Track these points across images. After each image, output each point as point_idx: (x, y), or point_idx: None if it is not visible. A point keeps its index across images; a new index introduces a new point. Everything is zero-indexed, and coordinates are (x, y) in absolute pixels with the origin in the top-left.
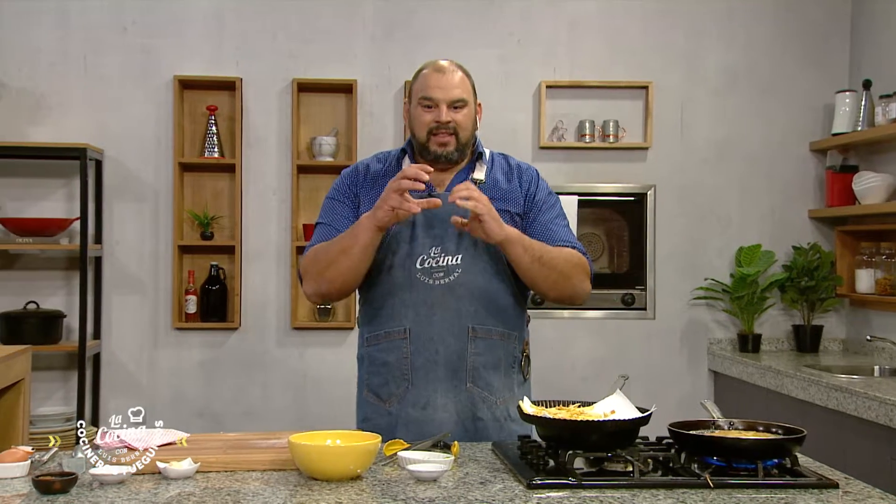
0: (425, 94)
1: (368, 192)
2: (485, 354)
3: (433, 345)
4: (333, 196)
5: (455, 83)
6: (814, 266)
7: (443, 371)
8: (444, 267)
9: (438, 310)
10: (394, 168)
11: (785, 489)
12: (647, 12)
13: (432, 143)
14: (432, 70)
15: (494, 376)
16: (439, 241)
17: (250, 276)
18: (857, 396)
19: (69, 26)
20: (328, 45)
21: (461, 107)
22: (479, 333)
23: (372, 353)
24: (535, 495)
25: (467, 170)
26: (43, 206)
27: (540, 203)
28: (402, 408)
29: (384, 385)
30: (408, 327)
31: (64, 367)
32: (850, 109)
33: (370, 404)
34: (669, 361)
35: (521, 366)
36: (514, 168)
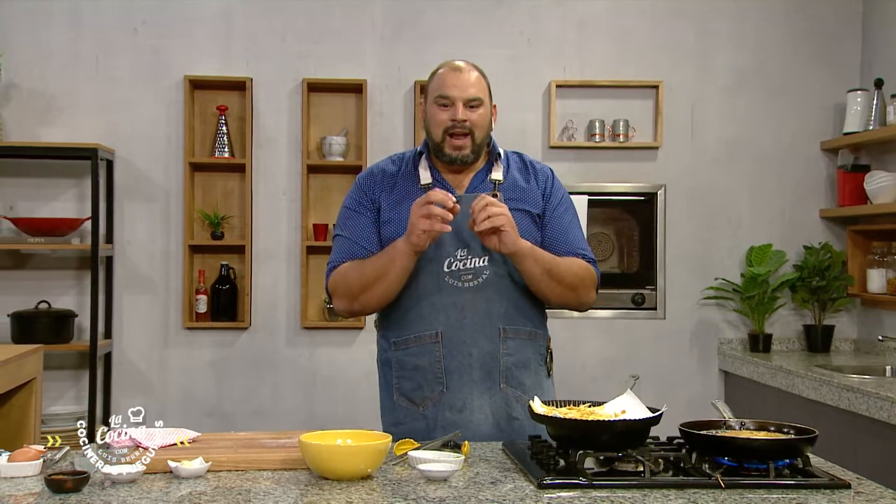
0: (441, 92)
1: (389, 194)
2: (515, 354)
3: (466, 347)
4: (350, 206)
5: (471, 82)
6: (825, 266)
7: (477, 373)
8: (472, 269)
9: (469, 312)
10: (410, 170)
11: (797, 489)
12: (656, 12)
13: (447, 146)
14: (448, 69)
15: (526, 375)
16: (465, 243)
17: (260, 276)
18: (869, 396)
19: (80, 27)
20: (338, 45)
21: (477, 106)
22: (509, 333)
23: (401, 357)
24: (546, 495)
25: (485, 170)
26: (54, 206)
27: (555, 204)
28: (438, 411)
29: (417, 389)
30: (440, 331)
31: (75, 367)
32: (861, 108)
33: (403, 408)
34: (680, 361)
35: (547, 362)
36: (529, 167)
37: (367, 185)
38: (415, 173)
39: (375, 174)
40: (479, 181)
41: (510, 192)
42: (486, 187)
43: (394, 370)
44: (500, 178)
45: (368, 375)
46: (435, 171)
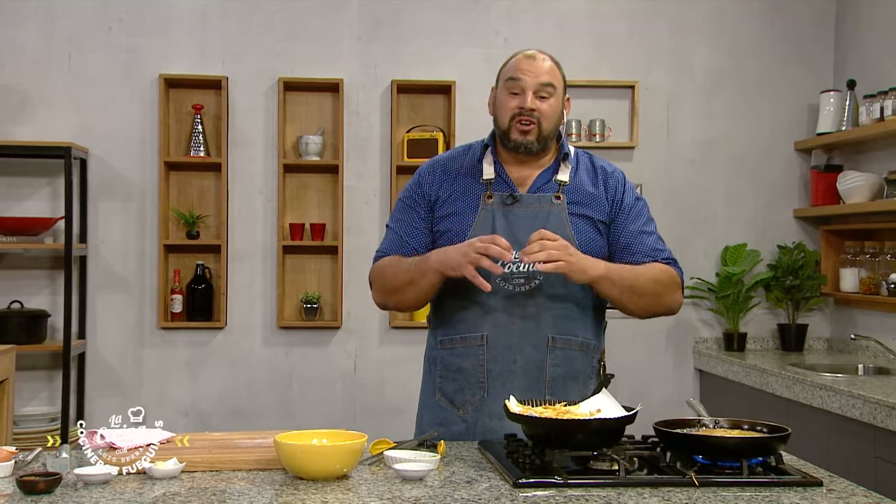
0: (513, 75)
1: (448, 187)
2: (563, 365)
3: (511, 353)
4: (405, 199)
5: (544, 69)
6: (798, 265)
7: (521, 381)
8: (524, 273)
9: (518, 317)
10: (474, 163)
11: (769, 487)
12: (633, 12)
13: (514, 131)
14: (522, 56)
15: (573, 387)
16: (520, 245)
17: (236, 276)
18: (842, 395)
19: (53, 25)
20: (314, 45)
21: (547, 95)
22: (558, 343)
23: (446, 357)
24: (521, 494)
25: (551, 170)
26: (27, 206)
27: (628, 209)
28: (478, 417)
29: (458, 392)
30: (485, 334)
31: (48, 367)
32: (834, 109)
33: (443, 409)
34: (655, 360)
35: (600, 374)
36: (598, 170)
37: (425, 180)
38: (478, 167)
39: (436, 167)
40: (544, 181)
41: (575, 195)
42: (551, 187)
43: (438, 369)
44: (566, 179)
45: (345, 376)
46: (499, 165)
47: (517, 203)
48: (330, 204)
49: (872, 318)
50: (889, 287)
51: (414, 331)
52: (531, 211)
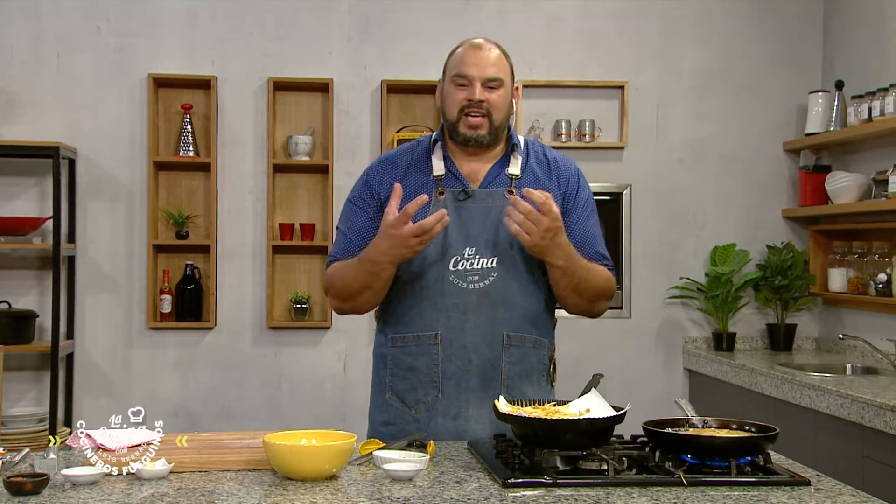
0: (459, 70)
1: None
2: (519, 363)
3: (466, 353)
4: (353, 200)
5: (491, 60)
6: (787, 265)
7: (476, 380)
8: (479, 270)
9: (472, 315)
10: (423, 158)
11: (757, 486)
12: (622, 12)
13: (462, 125)
14: (468, 47)
15: (528, 385)
16: (473, 241)
17: (226, 276)
18: (830, 394)
19: (42, 25)
20: (304, 44)
21: (496, 87)
22: (513, 341)
23: (397, 354)
24: (511, 494)
25: (502, 163)
26: (15, 205)
27: (581, 205)
28: (431, 417)
29: (411, 391)
30: (439, 332)
31: (36, 368)
32: (822, 110)
33: (394, 408)
34: (645, 360)
35: (550, 373)
36: (551, 162)
37: (373, 179)
38: (427, 162)
39: (384, 165)
40: (496, 175)
41: (529, 187)
42: (503, 181)
43: (388, 367)
44: (518, 172)
45: (335, 376)
46: (449, 161)
47: (469, 198)
48: (319, 204)
49: (860, 318)
50: (877, 287)
51: None
52: (484, 206)
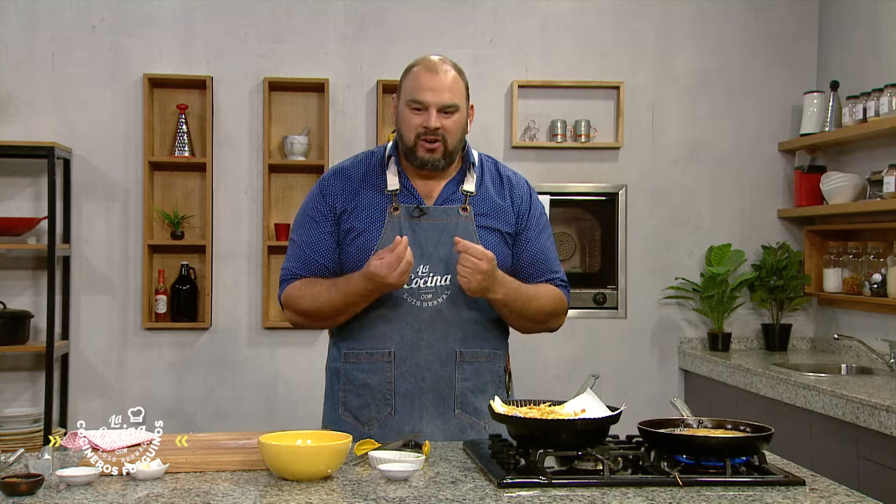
0: (414, 96)
1: (352, 199)
2: (472, 379)
3: (419, 371)
4: (309, 213)
5: (447, 85)
6: (782, 265)
7: (429, 397)
8: (432, 288)
9: (426, 334)
10: (378, 173)
11: (752, 486)
12: (618, 12)
13: (420, 149)
14: (423, 69)
15: (482, 400)
16: (427, 259)
17: (221, 276)
18: (825, 394)
19: (36, 24)
20: (299, 44)
21: (451, 112)
22: (466, 357)
23: (350, 371)
24: (506, 494)
25: (457, 180)
26: (9, 206)
27: (533, 223)
28: (386, 434)
29: (364, 408)
30: (392, 350)
31: (31, 368)
32: (817, 110)
33: (347, 424)
34: (640, 360)
35: (506, 383)
36: (504, 180)
37: (328, 191)
38: (382, 176)
39: (338, 177)
40: (450, 192)
41: (482, 206)
42: (458, 198)
43: (341, 382)
44: (472, 190)
45: None
46: (403, 177)
47: (424, 215)
48: None
49: (855, 318)
50: (872, 287)
51: None
52: (438, 224)
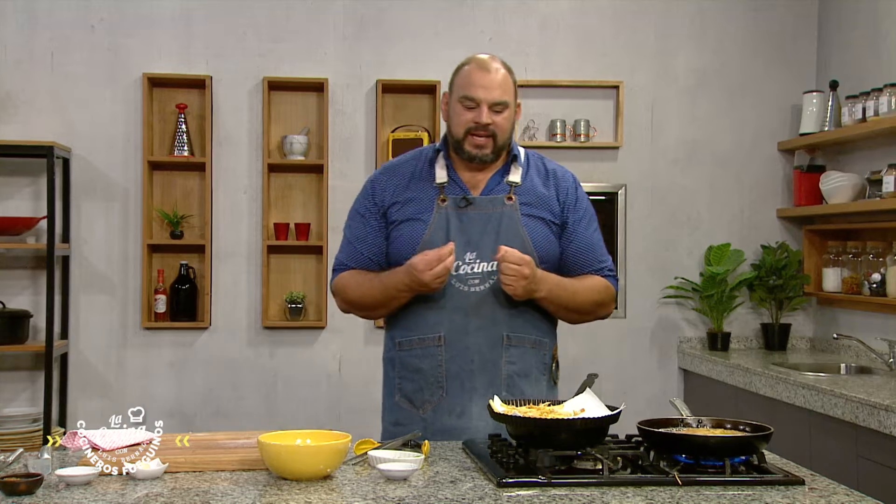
0: (467, 92)
1: (401, 193)
2: (518, 362)
3: (469, 353)
4: (358, 209)
5: (497, 83)
6: (782, 265)
7: (478, 379)
8: (479, 274)
9: (474, 318)
10: (426, 168)
11: (752, 486)
12: (617, 12)
13: (468, 144)
14: (476, 67)
15: (526, 384)
16: (474, 247)
17: (220, 276)
18: (824, 394)
19: (36, 24)
20: (299, 44)
21: (501, 109)
22: (513, 341)
23: (404, 357)
24: (505, 494)
25: (502, 171)
26: (9, 205)
27: (580, 216)
28: (437, 416)
29: (418, 391)
30: (442, 335)
31: (30, 368)
32: (817, 110)
33: (402, 409)
34: (640, 360)
35: (552, 371)
36: (550, 173)
37: (377, 188)
38: (430, 171)
39: (386, 174)
40: (496, 183)
41: (527, 196)
42: (503, 189)
43: (396, 370)
44: (518, 180)
45: (330, 376)
46: (451, 170)
47: (470, 205)
48: (314, 204)
49: (855, 318)
50: (871, 287)
51: None
52: (484, 213)
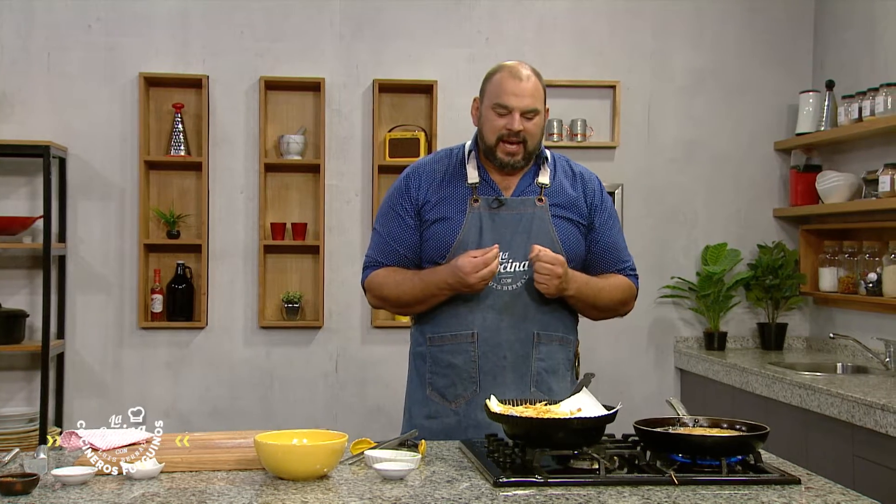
0: (499, 100)
1: (434, 191)
2: (547, 359)
3: (501, 350)
4: (392, 205)
5: (529, 91)
6: (778, 264)
7: (510, 375)
8: (511, 273)
9: (506, 315)
10: (458, 167)
11: (748, 485)
12: (614, 12)
13: (500, 151)
14: (508, 75)
15: (554, 380)
16: (507, 247)
17: (217, 275)
18: (820, 393)
19: (32, 23)
20: (295, 43)
21: (533, 116)
22: (542, 339)
23: (435, 353)
24: (502, 493)
25: (532, 173)
26: (5, 205)
27: (605, 217)
28: (470, 410)
29: (450, 386)
30: (476, 331)
31: (27, 368)
32: (813, 110)
33: (434, 403)
34: (636, 359)
35: (575, 367)
36: (577, 176)
37: (412, 184)
38: (462, 171)
39: (422, 171)
40: (527, 184)
41: (557, 197)
42: (533, 190)
43: (428, 365)
44: (547, 182)
45: (326, 376)
46: (483, 171)
47: (503, 206)
48: (311, 203)
49: (851, 317)
50: (867, 286)
51: (396, 330)
52: (516, 214)
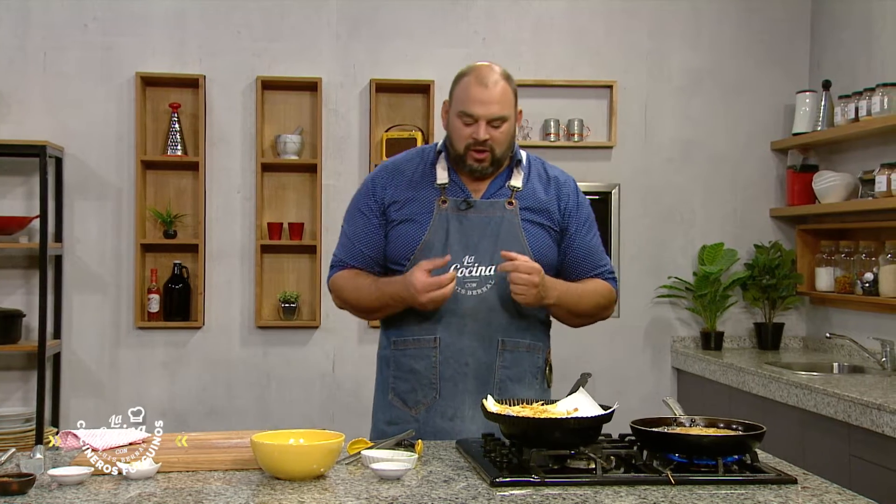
0: (465, 108)
1: (402, 191)
2: (512, 367)
3: (463, 356)
4: (358, 206)
5: (496, 98)
6: (775, 264)
7: (472, 383)
8: (476, 278)
9: (470, 321)
10: (427, 168)
11: (744, 485)
12: (611, 12)
13: (469, 158)
14: (475, 81)
15: (520, 388)
16: (473, 250)
17: (214, 275)
18: (817, 393)
19: (29, 23)
20: (293, 43)
21: (500, 124)
22: (507, 346)
23: (398, 357)
24: (499, 493)
25: (504, 176)
26: (1, 204)
27: (581, 222)
28: (430, 417)
29: (411, 392)
30: (438, 336)
31: (23, 368)
32: (810, 110)
33: (396, 409)
34: (633, 359)
35: (546, 375)
36: (551, 179)
37: (377, 185)
38: (431, 171)
39: (387, 171)
40: (498, 187)
41: (528, 201)
42: (504, 193)
43: (391, 369)
44: (519, 185)
45: (323, 376)
46: (452, 172)
47: (471, 208)
48: (308, 203)
49: (847, 317)
50: (864, 286)
51: None
52: (484, 216)
